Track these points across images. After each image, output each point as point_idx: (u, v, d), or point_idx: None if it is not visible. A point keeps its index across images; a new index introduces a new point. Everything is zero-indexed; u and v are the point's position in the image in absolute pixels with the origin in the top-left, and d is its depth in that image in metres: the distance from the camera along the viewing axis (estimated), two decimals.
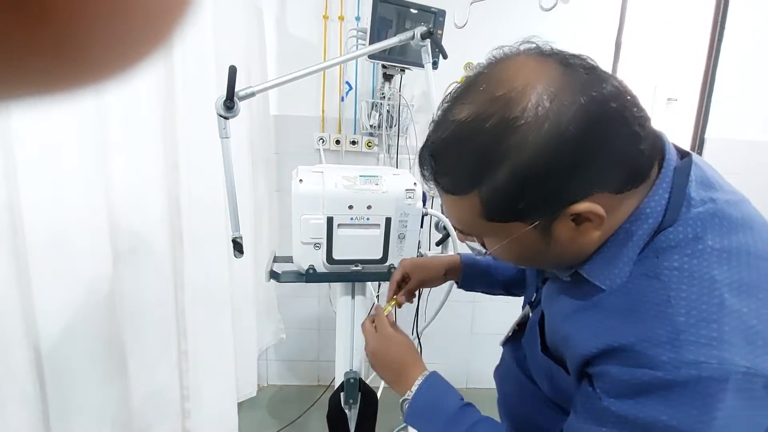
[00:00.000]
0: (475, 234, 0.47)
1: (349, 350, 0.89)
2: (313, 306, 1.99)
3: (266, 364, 2.04)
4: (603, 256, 0.44)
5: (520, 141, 0.37)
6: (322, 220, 0.75)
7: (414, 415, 0.57)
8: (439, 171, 0.42)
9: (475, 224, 0.44)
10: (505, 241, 0.44)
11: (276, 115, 1.81)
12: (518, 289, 0.78)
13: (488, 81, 0.40)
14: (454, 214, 0.46)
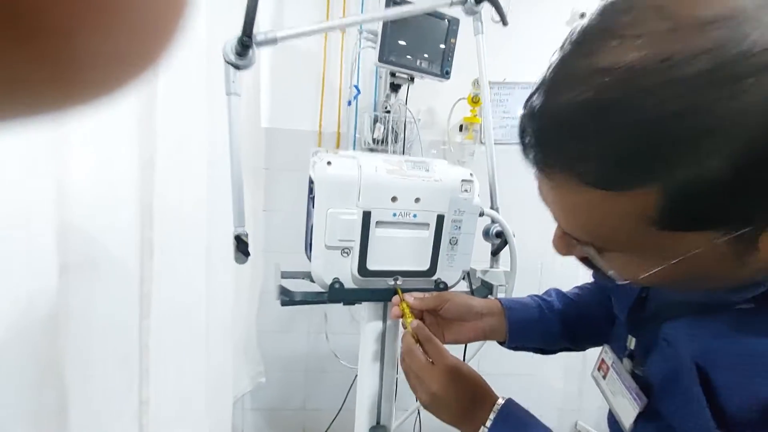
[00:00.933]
0: (611, 249, 0.30)
1: (375, 396, 0.67)
2: (300, 342, 1.74)
3: (242, 414, 1.73)
4: None
5: (746, 102, 0.22)
6: (356, 215, 0.56)
7: None
8: (581, 152, 0.26)
9: (628, 235, 0.28)
10: (670, 261, 0.28)
11: (268, 128, 1.64)
12: (595, 339, 0.60)
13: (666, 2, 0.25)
14: (585, 217, 0.29)
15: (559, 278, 1.90)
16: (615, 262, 0.31)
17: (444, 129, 1.74)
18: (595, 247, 0.31)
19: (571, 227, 0.32)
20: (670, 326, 0.41)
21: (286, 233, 1.67)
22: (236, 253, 0.55)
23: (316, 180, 0.56)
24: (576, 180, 0.27)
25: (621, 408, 0.47)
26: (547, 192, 0.32)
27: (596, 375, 0.54)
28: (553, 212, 0.33)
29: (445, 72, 1.38)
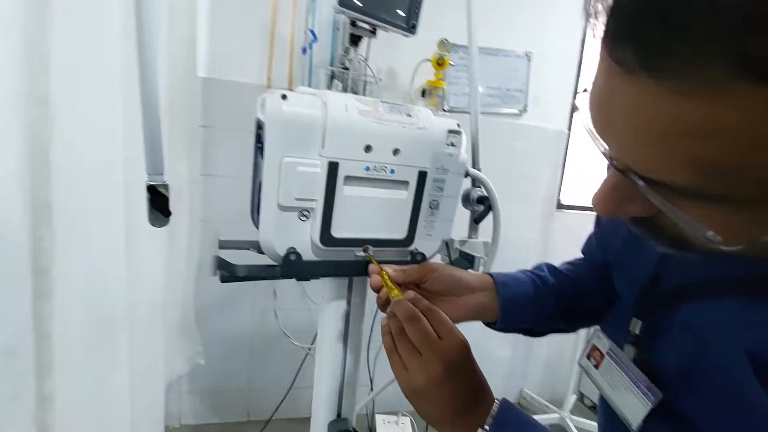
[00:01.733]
0: (732, 193, 0.21)
1: (336, 385, 0.57)
2: (244, 320, 1.59)
3: (178, 398, 1.57)
4: None
5: None
6: (319, 168, 0.44)
7: None
8: (759, 17, 0.16)
9: (755, 168, 0.19)
10: None
11: (205, 78, 1.42)
12: (590, 320, 0.54)
13: None
14: (717, 138, 0.19)
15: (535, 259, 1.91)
16: (713, 217, 0.22)
17: (406, 92, 1.62)
18: (692, 194, 0.21)
19: (668, 163, 0.21)
20: (695, 309, 0.34)
21: (228, 201, 1.49)
22: (151, 211, 0.40)
23: (267, 120, 0.42)
24: (732, 71, 0.17)
25: (624, 403, 0.41)
26: (638, 108, 0.21)
27: (585, 364, 0.47)
28: (629, 145, 0.23)
29: (411, 26, 1.25)
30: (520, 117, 1.75)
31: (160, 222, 0.40)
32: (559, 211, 1.89)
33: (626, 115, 0.22)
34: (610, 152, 0.25)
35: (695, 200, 0.22)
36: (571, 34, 1.77)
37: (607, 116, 0.24)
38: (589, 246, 0.58)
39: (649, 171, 0.22)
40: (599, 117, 0.25)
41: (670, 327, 0.37)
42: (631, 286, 0.42)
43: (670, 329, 0.36)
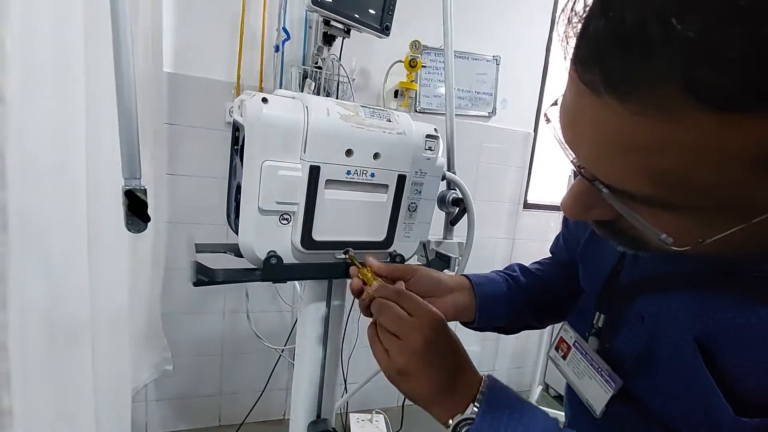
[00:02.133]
0: (677, 201, 0.23)
1: (316, 386, 0.57)
2: (214, 324, 1.55)
3: (145, 406, 1.51)
4: None
5: None
6: (300, 171, 0.44)
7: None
8: (704, 51, 0.18)
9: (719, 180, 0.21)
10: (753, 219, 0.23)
11: (171, 74, 1.37)
12: (559, 315, 0.57)
13: None
14: (672, 155, 0.21)
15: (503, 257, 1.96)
16: (667, 222, 0.24)
17: (378, 93, 1.63)
18: (648, 202, 0.24)
19: (627, 174, 0.24)
20: (649, 301, 0.38)
21: (194, 202, 1.44)
22: (129, 217, 0.39)
23: (247, 123, 0.42)
24: (681, 96, 0.19)
25: (589, 392, 0.44)
26: (603, 125, 0.23)
27: (554, 355, 0.50)
28: (595, 157, 0.25)
29: (384, 27, 1.26)
30: (489, 119, 1.80)
31: (138, 227, 0.39)
32: (525, 210, 1.96)
33: (592, 131, 0.24)
34: (578, 161, 0.27)
35: (651, 207, 0.24)
36: (537, 40, 1.84)
37: (575, 129, 0.26)
38: (557, 246, 0.61)
39: (611, 180, 0.25)
40: (568, 129, 0.27)
41: (628, 319, 0.40)
42: (593, 283, 0.45)
43: (628, 321, 0.40)
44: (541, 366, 2.02)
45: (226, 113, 1.44)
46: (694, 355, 0.32)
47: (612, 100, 0.21)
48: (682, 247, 0.24)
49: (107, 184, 0.85)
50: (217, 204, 1.47)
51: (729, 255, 0.27)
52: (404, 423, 1.62)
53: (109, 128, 0.88)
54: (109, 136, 0.88)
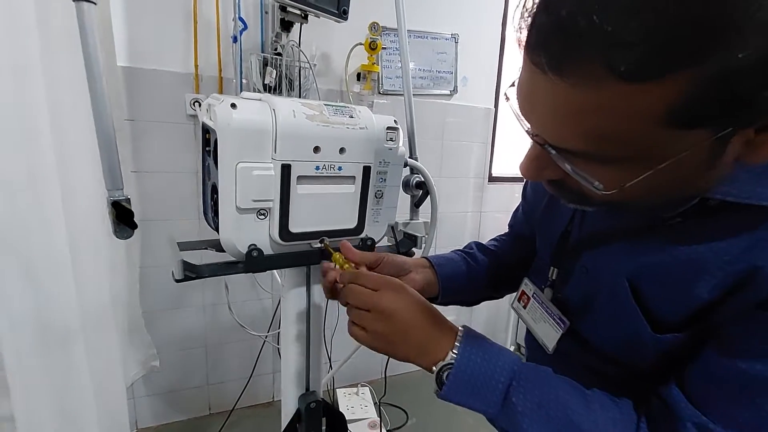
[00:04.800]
0: (605, 155, 0.30)
1: (302, 363, 0.63)
2: (195, 317, 1.57)
3: (134, 403, 1.54)
4: (755, 171, 0.33)
5: None
6: (273, 170, 0.48)
7: (462, 386, 0.40)
8: (619, 36, 0.24)
9: (632, 135, 0.27)
10: (660, 165, 0.29)
11: (126, 68, 1.33)
12: (513, 285, 0.64)
13: None
14: (595, 118, 0.28)
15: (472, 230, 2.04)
16: (599, 173, 0.31)
17: (340, 77, 1.64)
18: (585, 156, 0.30)
19: (569, 135, 0.30)
20: (591, 255, 0.45)
21: (163, 198, 1.43)
22: (117, 225, 0.41)
23: (219, 128, 0.45)
24: (602, 72, 0.25)
25: (544, 333, 0.52)
26: (549, 97, 0.29)
27: (516, 306, 0.58)
28: (544, 123, 0.31)
29: (342, 11, 1.26)
30: (451, 97, 1.85)
31: (125, 233, 0.42)
32: (491, 183, 2.05)
33: (542, 102, 0.30)
34: (532, 130, 0.33)
35: (586, 161, 0.31)
36: (493, 17, 1.89)
37: (530, 103, 0.32)
38: (515, 218, 0.69)
39: (557, 141, 0.31)
40: (524, 103, 0.32)
41: (575, 271, 0.48)
42: (548, 243, 0.53)
43: (576, 273, 0.47)
44: (512, 328, 2.17)
45: (187, 105, 1.42)
46: (626, 293, 0.40)
47: (555, 77, 0.27)
48: (609, 191, 0.31)
49: (79, 187, 0.85)
50: (187, 199, 1.47)
51: (647, 202, 0.34)
52: (387, 390, 1.72)
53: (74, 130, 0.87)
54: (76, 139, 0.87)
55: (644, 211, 0.39)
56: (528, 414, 0.38)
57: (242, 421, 1.63)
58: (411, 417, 1.73)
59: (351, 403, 1.66)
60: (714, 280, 0.35)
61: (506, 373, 0.39)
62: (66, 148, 0.82)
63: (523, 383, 0.39)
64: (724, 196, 0.33)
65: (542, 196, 0.56)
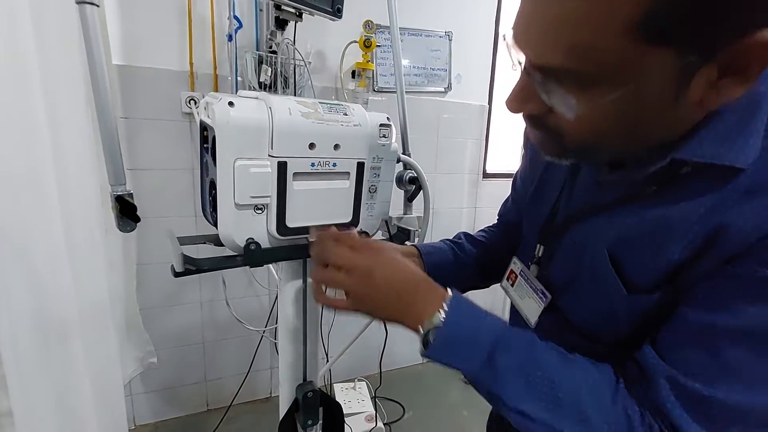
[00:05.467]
0: (581, 70, 0.32)
1: (300, 355, 0.65)
2: (193, 314, 1.59)
3: (131, 399, 1.55)
4: (719, 132, 0.35)
5: None
6: (269, 167, 0.49)
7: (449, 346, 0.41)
8: None
9: (608, 46, 0.30)
10: (629, 84, 0.31)
11: (121, 66, 1.33)
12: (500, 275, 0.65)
13: None
14: (574, 28, 0.30)
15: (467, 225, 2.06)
16: (574, 95, 0.33)
17: (335, 75, 1.65)
18: (564, 75, 0.32)
19: (551, 48, 0.32)
20: (574, 231, 0.47)
21: (159, 195, 1.44)
22: (120, 219, 0.43)
23: (217, 126, 0.47)
24: None
25: (527, 308, 0.54)
26: (538, 12, 0.32)
27: (505, 285, 0.60)
28: (529, 40, 0.34)
29: (336, 9, 1.27)
30: (445, 94, 1.87)
31: (128, 226, 0.44)
32: (485, 179, 2.08)
33: (530, 19, 0.33)
34: (521, 60, 0.36)
35: (565, 84, 0.33)
36: (486, 14, 1.90)
37: (523, 27, 0.34)
38: (505, 207, 0.71)
39: (540, 59, 0.33)
40: (518, 31, 0.35)
41: (560, 247, 0.49)
42: (535, 223, 0.55)
43: (561, 249, 0.49)
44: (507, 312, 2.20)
45: (182, 103, 1.43)
46: (605, 261, 0.42)
47: None
48: (583, 111, 0.33)
49: (76, 183, 0.86)
50: (183, 196, 1.48)
51: (616, 141, 0.37)
52: (383, 384, 1.75)
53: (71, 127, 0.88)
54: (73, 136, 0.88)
55: (616, 158, 0.41)
56: (509, 373, 0.39)
57: (240, 417, 1.65)
58: (407, 410, 1.76)
59: (348, 397, 1.68)
60: (684, 240, 0.36)
61: (491, 334, 0.41)
62: (63, 144, 0.82)
63: (506, 343, 0.40)
64: (691, 156, 0.35)
65: (530, 183, 0.58)
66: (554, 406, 0.38)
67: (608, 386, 0.39)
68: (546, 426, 0.38)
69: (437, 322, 0.41)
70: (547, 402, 0.38)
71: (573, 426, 0.38)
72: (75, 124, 0.90)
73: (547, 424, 0.38)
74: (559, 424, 0.38)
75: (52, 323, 0.77)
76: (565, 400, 0.38)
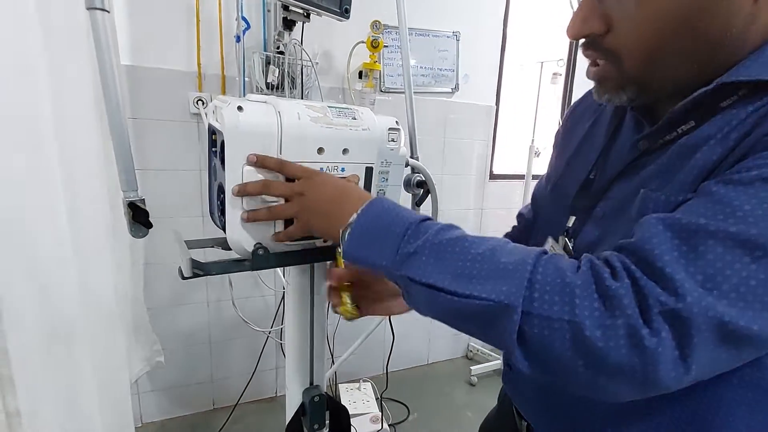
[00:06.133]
0: None
1: (307, 357, 0.65)
2: (200, 314, 1.59)
3: (138, 398, 1.56)
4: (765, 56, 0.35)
5: None
6: (279, 174, 0.49)
7: (361, 239, 0.40)
8: None
9: None
10: None
11: (130, 66, 1.34)
12: None
13: None
14: None
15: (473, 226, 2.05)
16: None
17: (342, 75, 1.65)
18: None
19: None
20: (615, 188, 0.45)
21: (165, 196, 1.45)
22: (132, 225, 0.43)
23: (226, 130, 0.46)
24: None
25: None
26: None
27: None
28: None
29: (344, 10, 1.27)
30: (452, 95, 1.86)
31: (140, 232, 0.44)
32: (491, 180, 2.06)
33: None
34: None
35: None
36: (495, 13, 1.89)
37: None
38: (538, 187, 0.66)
39: None
40: None
41: (593, 214, 0.48)
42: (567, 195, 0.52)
43: (591, 217, 0.48)
44: None
45: (190, 104, 1.43)
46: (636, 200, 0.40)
47: None
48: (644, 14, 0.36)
49: (83, 184, 0.87)
50: (190, 196, 1.48)
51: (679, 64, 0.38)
52: (389, 385, 1.75)
53: (79, 130, 0.88)
54: (80, 138, 0.89)
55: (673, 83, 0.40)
56: (421, 253, 0.36)
57: (246, 416, 1.65)
58: (412, 412, 1.76)
59: (353, 398, 1.68)
60: (718, 148, 0.35)
61: (404, 223, 0.39)
62: (70, 145, 0.83)
63: (417, 228, 0.38)
64: (737, 76, 0.35)
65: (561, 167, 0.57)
66: (466, 273, 0.34)
67: (531, 252, 0.35)
68: (454, 294, 0.34)
69: (351, 221, 0.41)
70: (456, 270, 0.34)
71: (485, 282, 0.33)
72: (83, 124, 0.91)
73: (455, 293, 0.34)
74: (468, 287, 0.33)
75: (59, 324, 0.78)
76: (477, 263, 0.34)
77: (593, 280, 0.31)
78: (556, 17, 1.98)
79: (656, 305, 0.29)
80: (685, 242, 0.30)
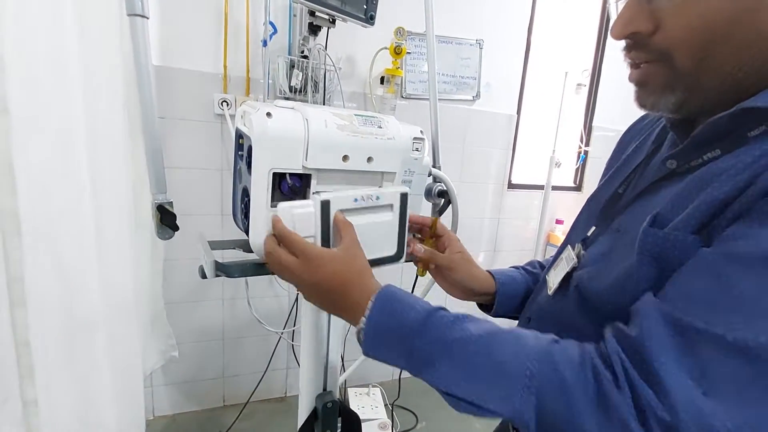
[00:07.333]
0: None
1: (322, 363, 0.65)
2: (215, 311, 1.62)
3: (151, 391, 1.59)
4: None
5: None
6: (311, 207, 0.49)
7: (374, 343, 0.43)
8: None
9: None
10: None
11: (160, 66, 1.37)
12: None
13: None
14: None
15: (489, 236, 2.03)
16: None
17: (364, 80, 1.66)
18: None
19: None
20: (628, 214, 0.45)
21: (187, 194, 1.48)
22: (160, 227, 0.44)
23: (255, 136, 0.47)
24: None
25: (552, 277, 0.52)
26: None
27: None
28: None
29: (369, 17, 1.28)
30: (473, 103, 1.85)
31: (166, 234, 0.44)
32: (510, 189, 2.04)
33: None
34: None
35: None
36: (519, 22, 1.88)
37: None
38: None
39: None
40: None
41: (608, 230, 0.47)
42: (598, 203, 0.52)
43: (608, 231, 0.47)
44: None
45: (215, 105, 1.46)
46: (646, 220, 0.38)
47: None
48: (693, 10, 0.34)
49: (108, 181, 0.89)
50: (210, 195, 1.51)
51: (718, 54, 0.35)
52: (401, 393, 1.73)
53: (107, 129, 0.91)
54: (107, 137, 0.91)
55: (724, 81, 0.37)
56: (434, 360, 0.39)
57: (255, 414, 1.66)
58: (420, 420, 1.74)
59: (362, 403, 1.68)
60: (732, 181, 0.33)
61: (412, 324, 0.41)
62: (99, 143, 0.85)
63: (418, 330, 0.40)
64: (762, 103, 0.33)
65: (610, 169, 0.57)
66: (472, 373, 0.37)
67: (543, 339, 0.37)
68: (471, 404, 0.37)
69: (362, 324, 0.43)
70: (469, 377, 0.37)
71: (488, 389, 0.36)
72: (112, 123, 0.93)
73: (469, 402, 0.37)
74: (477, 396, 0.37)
75: (79, 317, 0.80)
76: (480, 362, 0.37)
77: (596, 389, 0.33)
78: (581, 27, 1.96)
79: (652, 416, 0.30)
80: (686, 348, 0.31)
